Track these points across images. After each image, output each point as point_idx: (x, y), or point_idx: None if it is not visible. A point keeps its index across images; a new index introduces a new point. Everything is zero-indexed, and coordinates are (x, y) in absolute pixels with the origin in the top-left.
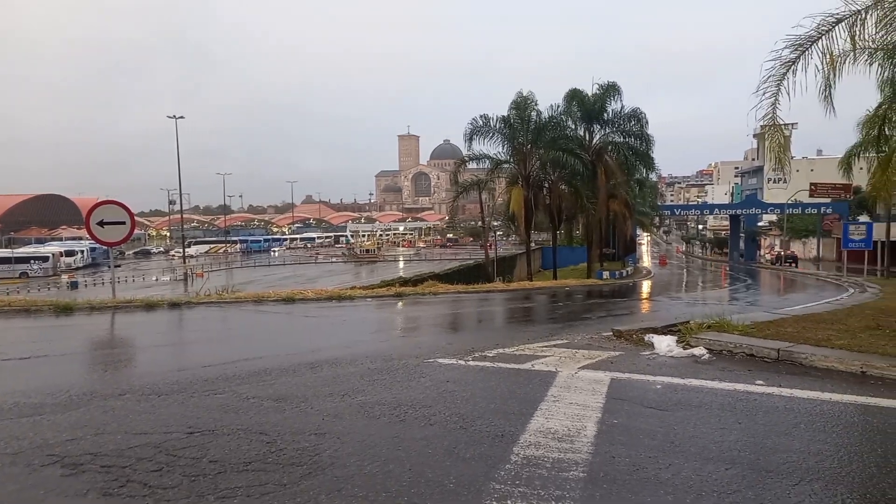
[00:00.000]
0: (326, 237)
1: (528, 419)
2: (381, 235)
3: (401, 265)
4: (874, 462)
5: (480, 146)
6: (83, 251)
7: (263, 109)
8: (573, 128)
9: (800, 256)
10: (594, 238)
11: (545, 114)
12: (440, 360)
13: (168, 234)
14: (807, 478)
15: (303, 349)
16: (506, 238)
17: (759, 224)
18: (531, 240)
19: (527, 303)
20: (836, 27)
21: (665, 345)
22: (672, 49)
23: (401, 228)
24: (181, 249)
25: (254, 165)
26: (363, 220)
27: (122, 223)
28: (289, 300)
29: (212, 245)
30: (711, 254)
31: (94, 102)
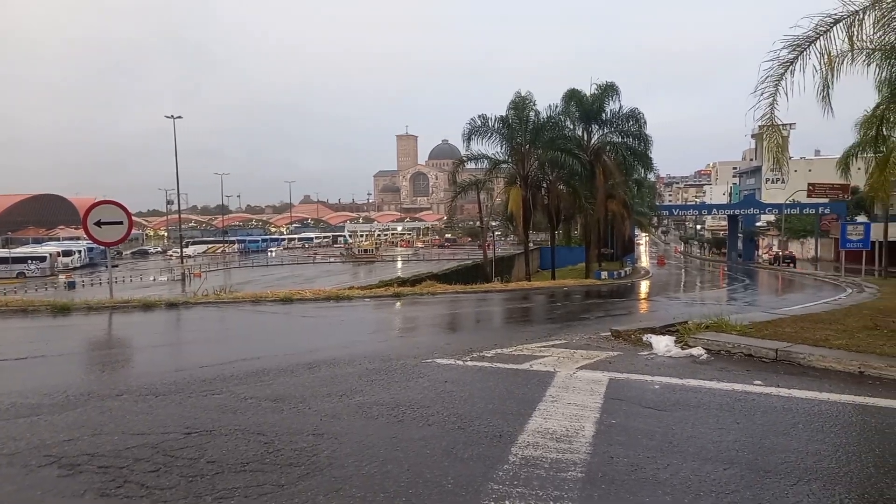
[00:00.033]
0: (324, 237)
1: (527, 419)
2: (380, 235)
3: (399, 265)
4: (872, 462)
5: (479, 146)
6: (80, 251)
7: (263, 109)
8: (571, 128)
9: (798, 257)
10: (592, 238)
11: (543, 114)
12: (438, 361)
13: (166, 234)
14: (805, 478)
15: (301, 349)
16: (504, 238)
17: (758, 224)
18: (529, 240)
19: (525, 303)
20: (834, 28)
21: (663, 345)
22: (672, 49)
23: (399, 228)
24: (179, 249)
25: (252, 165)
26: (361, 220)
27: (120, 223)
28: (287, 300)
29: (210, 245)
30: (709, 254)
31: (94, 102)
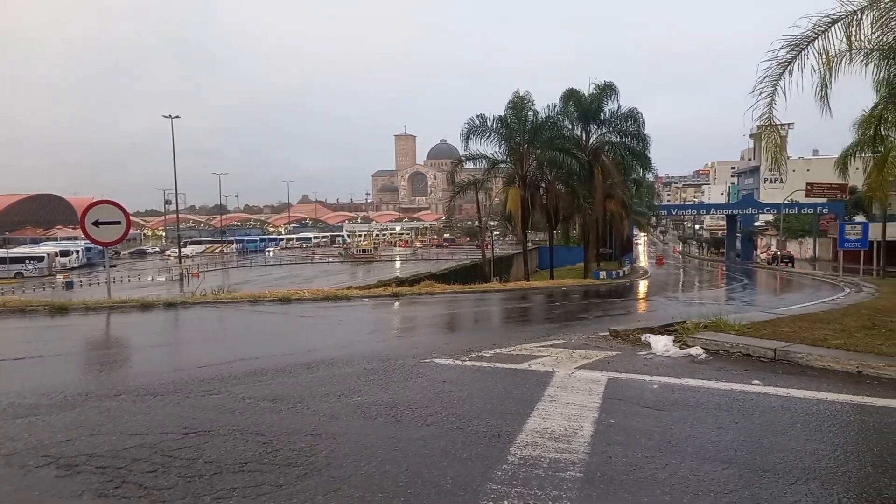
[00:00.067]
0: (323, 237)
1: (525, 419)
2: (378, 235)
3: (397, 265)
4: (870, 461)
5: (477, 146)
6: (78, 251)
7: (262, 109)
8: (570, 128)
9: (796, 256)
10: (591, 238)
11: (542, 114)
12: (437, 361)
13: (164, 234)
14: (803, 477)
15: (299, 349)
16: (502, 238)
17: (756, 224)
18: (528, 240)
19: (523, 303)
20: (832, 27)
21: (662, 344)
22: (672, 49)
23: (397, 228)
24: (177, 249)
25: (251, 165)
26: (360, 220)
27: (118, 223)
28: (285, 300)
29: (208, 245)
30: (708, 254)
31: (94, 102)
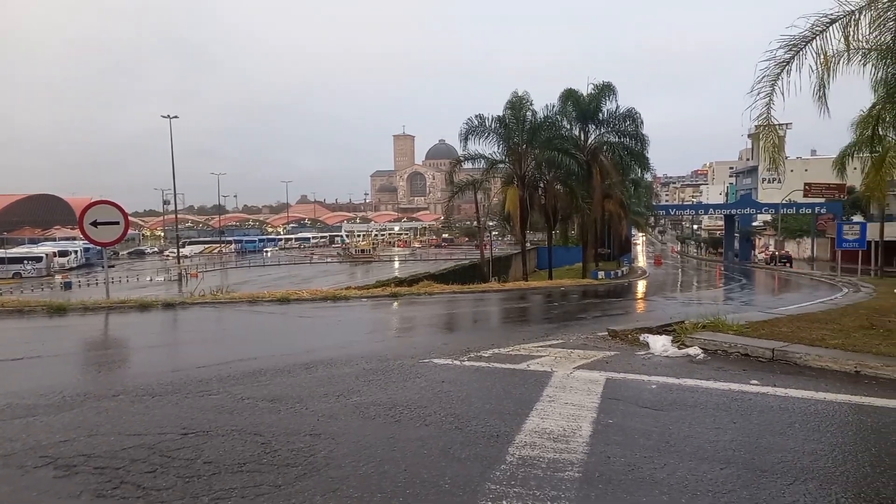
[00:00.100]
0: (321, 237)
1: (524, 419)
2: (377, 235)
3: (396, 265)
4: (868, 461)
5: (476, 146)
6: (77, 251)
7: (261, 109)
8: (568, 128)
9: (794, 256)
10: (589, 238)
11: (540, 114)
12: (436, 361)
13: (162, 235)
14: (801, 477)
15: (298, 350)
16: (501, 238)
17: (754, 224)
18: (526, 240)
19: (522, 303)
20: (830, 28)
21: (660, 344)
22: (671, 49)
23: (396, 228)
24: (175, 250)
25: (250, 165)
26: (358, 220)
27: (116, 223)
28: (284, 301)
29: (206, 245)
30: (706, 254)
31: (93, 102)
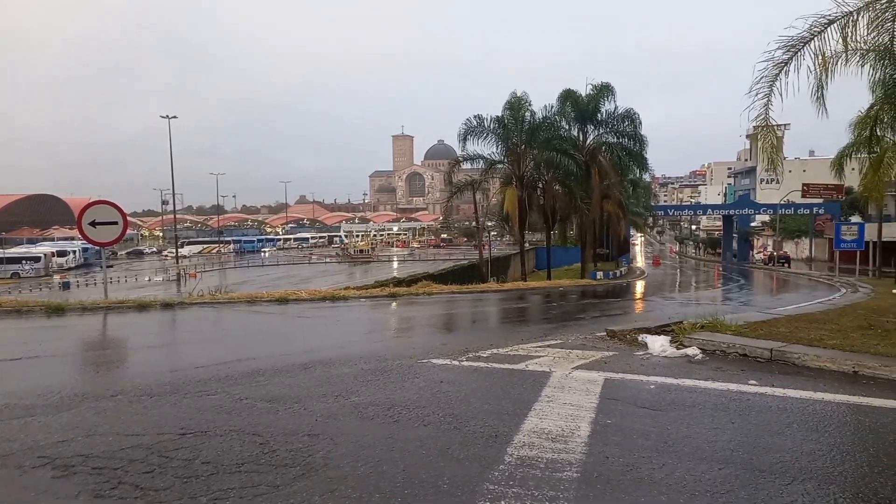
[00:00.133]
0: (320, 237)
1: (522, 419)
2: (375, 236)
3: (395, 265)
4: (866, 461)
5: (475, 146)
6: (75, 251)
7: (261, 109)
8: (567, 128)
9: (792, 257)
10: (588, 238)
11: (539, 114)
12: (434, 361)
13: (161, 235)
14: (799, 477)
15: (296, 350)
16: (500, 238)
17: (752, 224)
18: (525, 240)
19: (521, 303)
20: (828, 28)
21: (658, 345)
22: (671, 49)
23: (395, 229)
24: (174, 250)
25: (249, 165)
26: (357, 221)
27: (115, 223)
28: (282, 301)
29: (205, 245)
30: (704, 254)
31: (93, 102)
